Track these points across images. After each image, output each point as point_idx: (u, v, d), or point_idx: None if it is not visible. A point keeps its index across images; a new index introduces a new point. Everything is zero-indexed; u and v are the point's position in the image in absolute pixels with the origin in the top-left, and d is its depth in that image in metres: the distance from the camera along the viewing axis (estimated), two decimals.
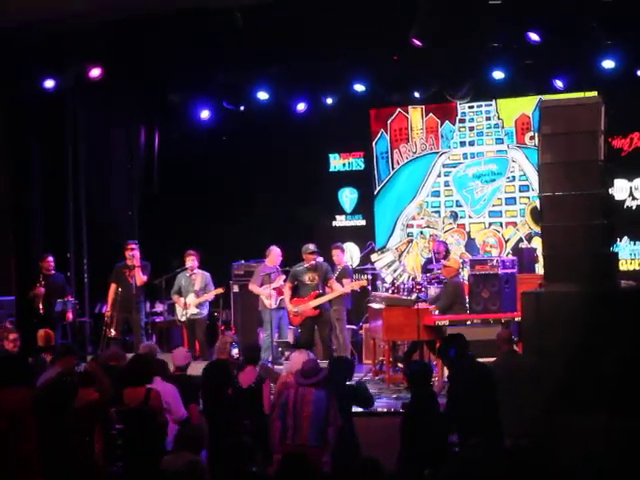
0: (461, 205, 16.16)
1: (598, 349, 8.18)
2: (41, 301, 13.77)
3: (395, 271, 15.50)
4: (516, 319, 11.62)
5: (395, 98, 15.76)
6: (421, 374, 8.47)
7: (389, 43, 13.35)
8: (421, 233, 16.39)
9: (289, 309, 12.83)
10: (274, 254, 13.73)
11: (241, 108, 15.88)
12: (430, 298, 12.90)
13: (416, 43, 12.53)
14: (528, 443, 5.85)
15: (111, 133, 16.44)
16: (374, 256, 15.02)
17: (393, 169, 16.58)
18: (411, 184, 16.47)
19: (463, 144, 16.15)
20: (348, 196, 16.96)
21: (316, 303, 12.55)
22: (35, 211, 14.93)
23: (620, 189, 14.61)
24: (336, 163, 17.05)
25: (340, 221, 16.99)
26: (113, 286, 13.44)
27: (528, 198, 15.64)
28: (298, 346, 12.59)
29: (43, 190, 15.01)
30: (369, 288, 14.06)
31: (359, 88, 15.12)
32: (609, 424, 6.82)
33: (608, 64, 13.58)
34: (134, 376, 8.03)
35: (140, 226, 16.45)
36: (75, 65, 13.96)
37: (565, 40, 13.01)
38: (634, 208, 14.83)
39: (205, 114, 16.40)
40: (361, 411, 9.26)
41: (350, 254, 15.97)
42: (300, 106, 16.15)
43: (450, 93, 15.02)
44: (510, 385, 8.30)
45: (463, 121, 16.11)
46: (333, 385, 8.45)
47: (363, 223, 16.82)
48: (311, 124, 16.29)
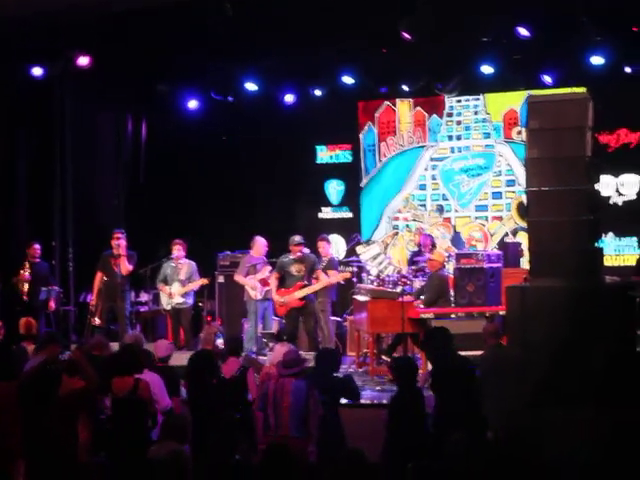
0: (447, 199, 16.18)
1: (582, 344, 8.21)
2: (25, 288, 13.72)
3: (380, 264, 15.50)
4: (500, 313, 11.66)
5: (383, 91, 15.77)
6: (407, 368, 8.49)
7: (378, 36, 13.37)
8: (407, 226, 16.42)
9: (275, 299, 12.82)
10: (259, 244, 13.69)
11: (229, 99, 15.85)
12: (415, 291, 12.91)
13: (405, 36, 12.53)
14: (511, 437, 5.87)
15: (99, 122, 16.39)
16: (360, 248, 15.01)
17: (380, 162, 16.59)
18: (398, 177, 16.49)
19: (450, 138, 16.17)
20: (335, 188, 16.95)
21: (301, 294, 12.51)
22: (21, 198, 14.87)
23: (606, 185, 14.63)
24: (323, 155, 17.03)
25: (326, 213, 16.99)
26: (99, 275, 13.40)
27: (514, 193, 15.68)
28: (281, 337, 12.61)
29: (29, 177, 14.95)
30: (354, 280, 14.06)
31: (347, 80, 15.11)
32: (594, 418, 6.85)
33: (597, 60, 13.62)
34: (123, 366, 8.02)
35: (126, 215, 16.40)
36: (64, 53, 13.92)
37: (554, 35, 13.03)
38: (620, 204, 14.88)
39: (193, 104, 16.38)
40: (345, 402, 9.26)
41: (336, 246, 15.95)
42: (288, 97, 16.13)
43: (438, 87, 15.03)
44: (496, 379, 8.30)
45: (451, 115, 16.13)
46: (320, 377, 8.46)
47: (349, 215, 16.82)
48: (299, 116, 16.29)
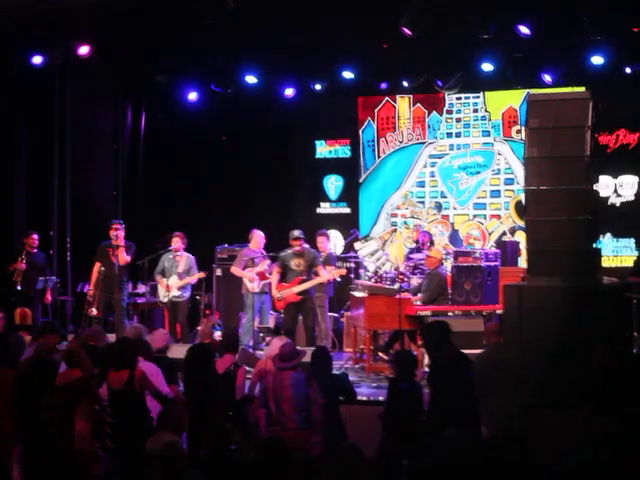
0: (446, 196, 16.18)
1: (579, 343, 8.24)
2: (20, 277, 13.71)
3: (378, 260, 15.56)
4: (497, 311, 11.67)
5: (383, 87, 15.78)
6: (407, 363, 8.49)
7: (379, 31, 13.36)
8: (405, 223, 16.41)
9: (273, 294, 12.78)
10: (257, 238, 13.67)
11: (229, 91, 15.83)
12: (413, 288, 12.92)
13: (406, 32, 12.52)
14: (506, 435, 5.87)
15: (98, 112, 16.34)
16: (357, 244, 15.05)
17: (379, 158, 16.59)
18: (396, 173, 16.49)
19: (450, 135, 16.17)
20: (333, 183, 16.95)
21: (299, 289, 12.46)
22: (20, 188, 14.85)
23: (605, 186, 14.66)
24: (322, 150, 17.02)
25: (325, 208, 16.98)
26: (97, 265, 13.36)
27: (513, 191, 15.70)
28: (278, 331, 12.59)
29: (28, 167, 14.92)
30: (352, 276, 14.05)
31: (348, 75, 15.11)
32: (590, 418, 6.86)
33: (597, 60, 13.64)
34: (119, 360, 7.98)
35: (124, 206, 16.38)
36: (64, 42, 13.89)
37: (555, 34, 13.04)
38: (618, 205, 14.88)
39: (193, 96, 16.36)
40: (341, 400, 9.26)
41: (334, 242, 15.96)
42: (288, 91, 16.12)
43: (438, 84, 15.03)
44: (494, 378, 8.30)
45: (450, 112, 16.13)
46: (318, 378, 8.45)
47: (347, 211, 16.81)
48: (298, 110, 16.29)
